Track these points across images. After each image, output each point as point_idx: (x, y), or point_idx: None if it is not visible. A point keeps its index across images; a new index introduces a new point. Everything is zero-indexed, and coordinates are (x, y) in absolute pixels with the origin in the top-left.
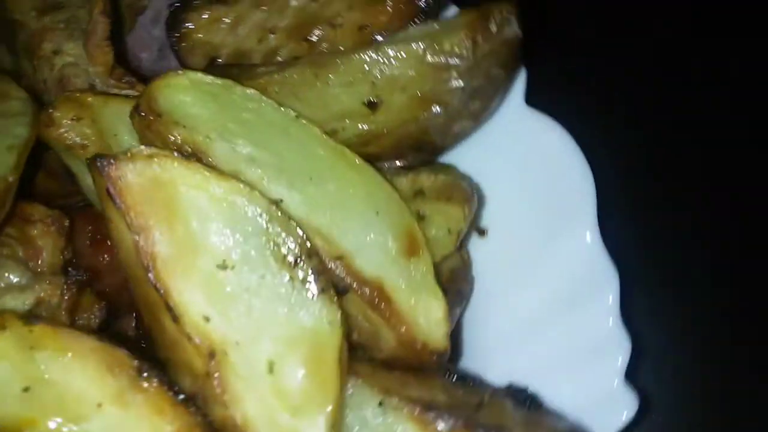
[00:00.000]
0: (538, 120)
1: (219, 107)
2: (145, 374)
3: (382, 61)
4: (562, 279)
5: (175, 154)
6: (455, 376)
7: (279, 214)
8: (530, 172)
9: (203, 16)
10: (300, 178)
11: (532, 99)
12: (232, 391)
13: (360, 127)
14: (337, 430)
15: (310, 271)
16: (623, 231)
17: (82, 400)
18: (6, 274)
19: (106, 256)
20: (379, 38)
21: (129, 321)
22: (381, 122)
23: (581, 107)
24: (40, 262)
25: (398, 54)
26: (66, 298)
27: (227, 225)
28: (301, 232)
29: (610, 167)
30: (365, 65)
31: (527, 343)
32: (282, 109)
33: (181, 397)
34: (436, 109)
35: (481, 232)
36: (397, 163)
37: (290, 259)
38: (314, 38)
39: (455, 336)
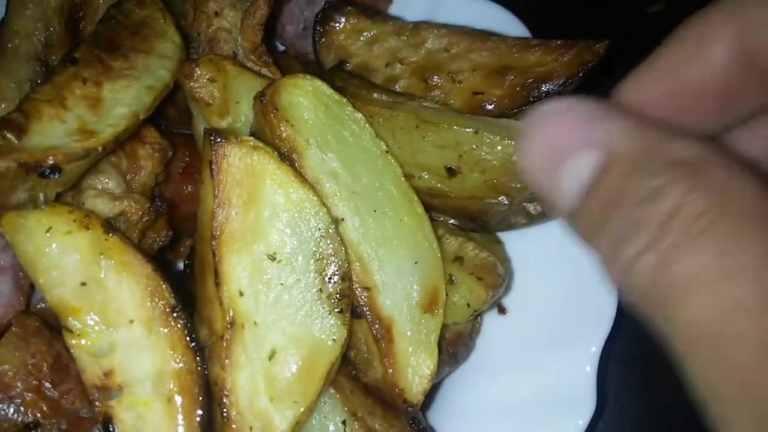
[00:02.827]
0: None
1: (327, 119)
2: (176, 314)
3: (475, 141)
4: (548, 388)
5: (275, 153)
6: (417, 427)
7: (335, 234)
8: (564, 281)
9: (350, 23)
10: (366, 206)
11: None
12: (234, 358)
13: (433, 183)
14: (299, 428)
15: (338, 292)
16: None
17: (121, 311)
18: (106, 180)
19: (189, 187)
20: (489, 107)
21: (185, 250)
22: (452, 187)
23: None
24: (136, 177)
25: (491, 143)
26: (144, 219)
27: (290, 225)
28: (345, 257)
29: None
30: (460, 139)
31: (495, 426)
32: (377, 140)
33: (193, 345)
34: (503, 199)
35: (502, 311)
36: (452, 221)
37: (327, 274)
38: (432, 82)
39: (433, 390)
